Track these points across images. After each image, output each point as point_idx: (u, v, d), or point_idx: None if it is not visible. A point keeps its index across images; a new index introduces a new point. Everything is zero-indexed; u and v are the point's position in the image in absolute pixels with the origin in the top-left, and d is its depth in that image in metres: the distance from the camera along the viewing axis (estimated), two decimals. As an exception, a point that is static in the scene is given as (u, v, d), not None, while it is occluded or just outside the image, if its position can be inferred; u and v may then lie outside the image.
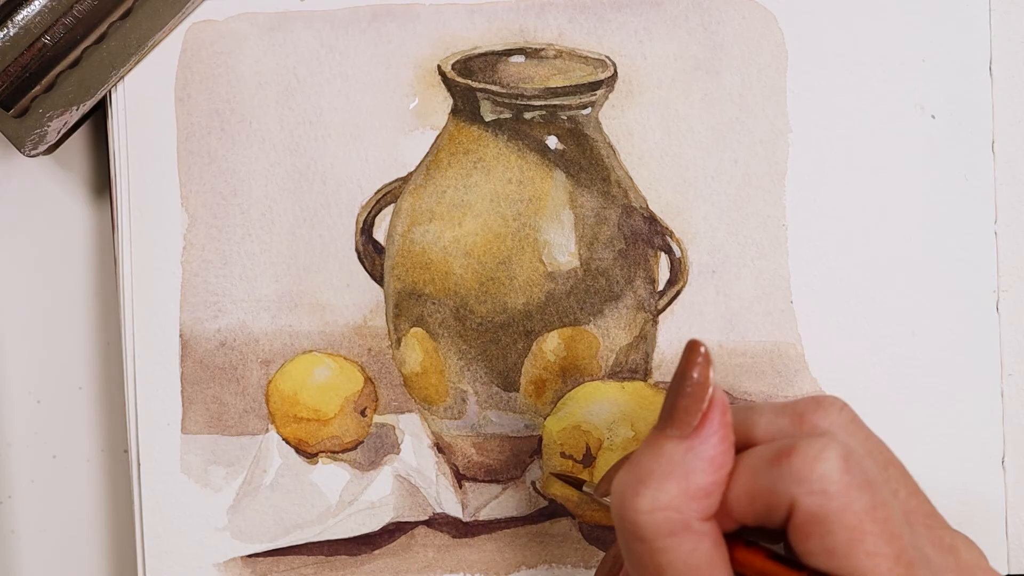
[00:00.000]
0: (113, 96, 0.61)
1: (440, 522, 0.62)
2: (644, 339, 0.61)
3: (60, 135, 0.61)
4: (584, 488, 0.58)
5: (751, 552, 0.48)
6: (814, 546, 0.45)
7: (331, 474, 0.62)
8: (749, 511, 0.47)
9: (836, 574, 0.45)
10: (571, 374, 0.61)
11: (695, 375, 0.47)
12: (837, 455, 0.46)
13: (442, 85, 0.61)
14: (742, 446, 0.48)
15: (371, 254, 0.61)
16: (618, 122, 0.60)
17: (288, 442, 0.62)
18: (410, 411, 0.62)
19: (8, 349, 0.65)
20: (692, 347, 0.48)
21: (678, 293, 0.60)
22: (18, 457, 0.65)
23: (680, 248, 0.60)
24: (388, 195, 0.61)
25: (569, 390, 0.61)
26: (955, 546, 0.47)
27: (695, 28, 0.60)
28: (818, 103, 0.60)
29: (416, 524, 0.62)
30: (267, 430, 0.62)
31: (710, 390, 0.47)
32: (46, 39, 0.60)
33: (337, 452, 0.62)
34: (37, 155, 0.61)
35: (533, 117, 0.60)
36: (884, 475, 0.47)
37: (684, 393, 0.47)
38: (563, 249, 0.60)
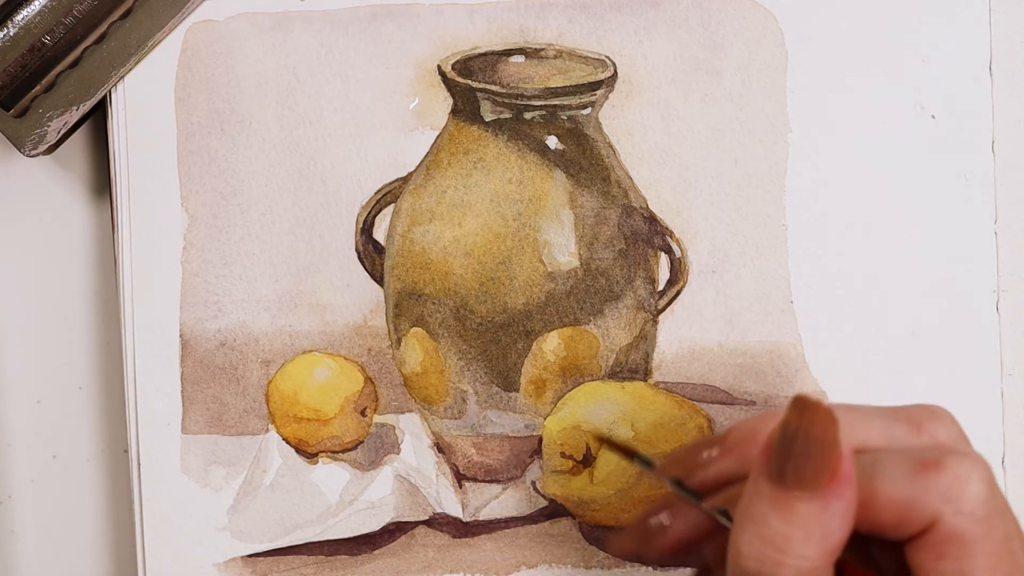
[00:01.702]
0: (113, 96, 0.61)
1: (440, 522, 0.62)
2: (644, 339, 0.61)
3: (60, 135, 0.61)
4: (636, 460, 0.54)
5: (864, 574, 0.47)
6: (947, 567, 0.44)
7: (331, 474, 0.62)
8: (876, 519, 0.45)
9: None
10: (571, 374, 0.61)
11: (820, 435, 0.45)
12: (984, 478, 0.45)
13: (442, 85, 0.61)
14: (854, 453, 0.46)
15: (371, 254, 0.61)
16: (618, 122, 0.60)
17: (288, 442, 0.62)
18: (410, 411, 0.62)
19: (8, 349, 0.65)
20: (813, 408, 0.45)
21: (678, 293, 0.60)
22: (18, 457, 0.65)
23: (680, 248, 0.60)
24: (388, 195, 0.61)
25: (569, 390, 0.61)
26: None
27: (695, 28, 0.60)
28: (818, 103, 0.60)
29: (416, 524, 0.62)
30: (267, 430, 0.62)
31: (839, 449, 0.45)
32: (46, 39, 0.60)
33: (337, 452, 0.62)
34: (37, 155, 0.61)
35: (533, 117, 0.60)
36: (1005, 503, 0.46)
37: (811, 453, 0.44)
38: (563, 249, 0.60)
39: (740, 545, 0.45)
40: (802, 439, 0.45)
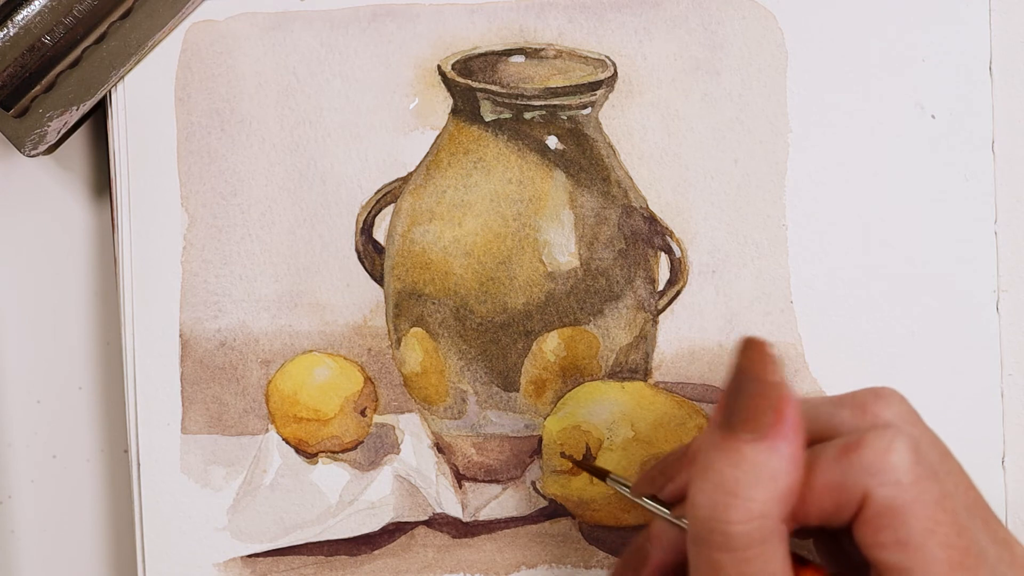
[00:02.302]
0: (113, 96, 0.61)
1: (440, 522, 0.62)
2: (644, 339, 0.61)
3: (60, 135, 0.61)
4: (609, 480, 0.57)
5: (811, 570, 0.47)
6: (886, 538, 0.45)
7: (331, 474, 0.62)
8: (816, 509, 0.46)
9: (906, 567, 0.44)
10: (571, 374, 0.61)
11: (761, 373, 0.46)
12: (907, 446, 0.45)
13: (442, 85, 0.61)
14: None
15: (371, 254, 0.61)
16: (618, 122, 0.60)
17: (288, 442, 0.62)
18: (410, 411, 0.62)
19: (8, 349, 0.65)
20: (751, 345, 0.46)
21: (678, 293, 0.60)
22: (18, 457, 0.65)
23: (680, 248, 0.60)
24: (388, 195, 0.61)
25: (569, 390, 0.61)
26: (1008, 540, 0.47)
27: (695, 28, 0.60)
28: (818, 103, 0.60)
29: (416, 524, 0.62)
30: (267, 430, 0.62)
31: (781, 387, 0.46)
32: (46, 39, 0.60)
33: (337, 452, 0.62)
34: (37, 155, 0.61)
35: (533, 117, 0.60)
36: (945, 467, 0.47)
37: (753, 393, 0.46)
38: (563, 249, 0.60)
39: (693, 496, 0.46)
40: (746, 380, 0.46)
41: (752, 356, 0.46)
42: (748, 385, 0.46)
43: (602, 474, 0.58)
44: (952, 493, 0.45)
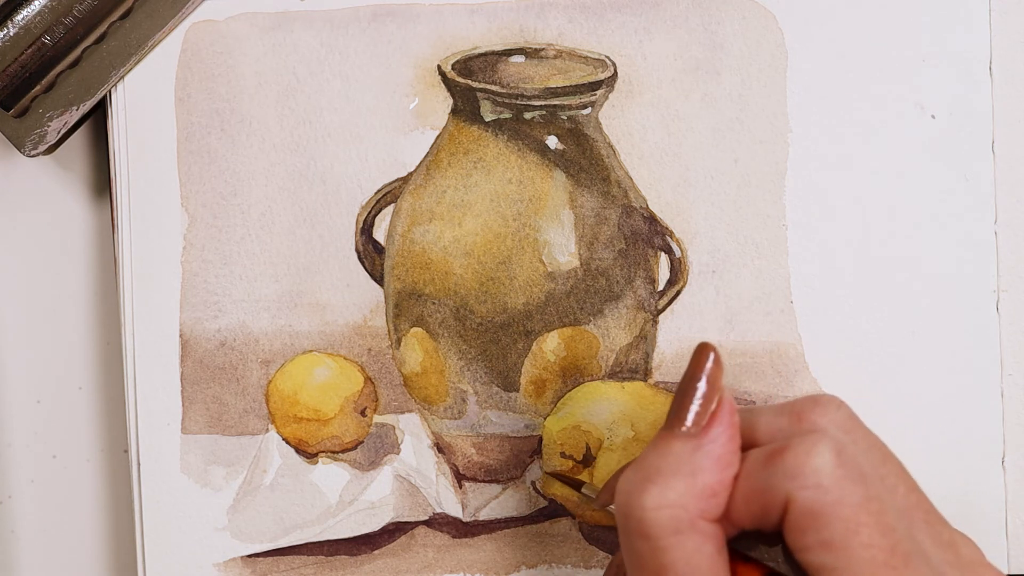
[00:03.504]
0: (113, 96, 0.61)
1: (440, 522, 0.62)
2: (644, 339, 0.61)
3: (60, 135, 0.61)
4: (583, 490, 0.58)
5: (750, 568, 0.48)
6: (810, 540, 0.45)
7: (331, 474, 0.62)
8: (746, 512, 0.47)
9: (831, 567, 0.45)
10: (571, 374, 0.61)
11: (705, 376, 0.48)
12: (829, 449, 0.46)
13: (442, 85, 0.61)
14: (744, 448, 0.48)
15: (371, 254, 0.61)
16: (618, 122, 0.60)
17: (288, 442, 0.62)
18: (410, 411, 0.62)
19: (8, 349, 0.65)
20: (702, 349, 0.48)
21: (678, 293, 0.60)
22: (18, 457, 0.65)
23: (680, 248, 0.60)
24: (388, 195, 0.61)
25: (569, 390, 0.61)
26: (954, 542, 0.47)
27: (695, 28, 0.60)
28: (818, 103, 0.60)
29: (416, 524, 0.62)
30: (267, 430, 0.62)
31: (720, 391, 0.48)
32: (46, 39, 0.60)
33: (337, 452, 0.62)
34: (37, 155, 0.61)
35: (533, 117, 0.60)
36: (882, 471, 0.48)
37: (693, 394, 0.48)
38: (563, 249, 0.60)
39: (619, 484, 0.48)
40: (687, 380, 0.48)
41: (700, 360, 0.48)
42: (689, 387, 0.48)
43: (576, 485, 0.58)
44: (879, 495, 0.46)
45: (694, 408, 0.48)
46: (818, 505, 0.45)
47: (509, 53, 0.61)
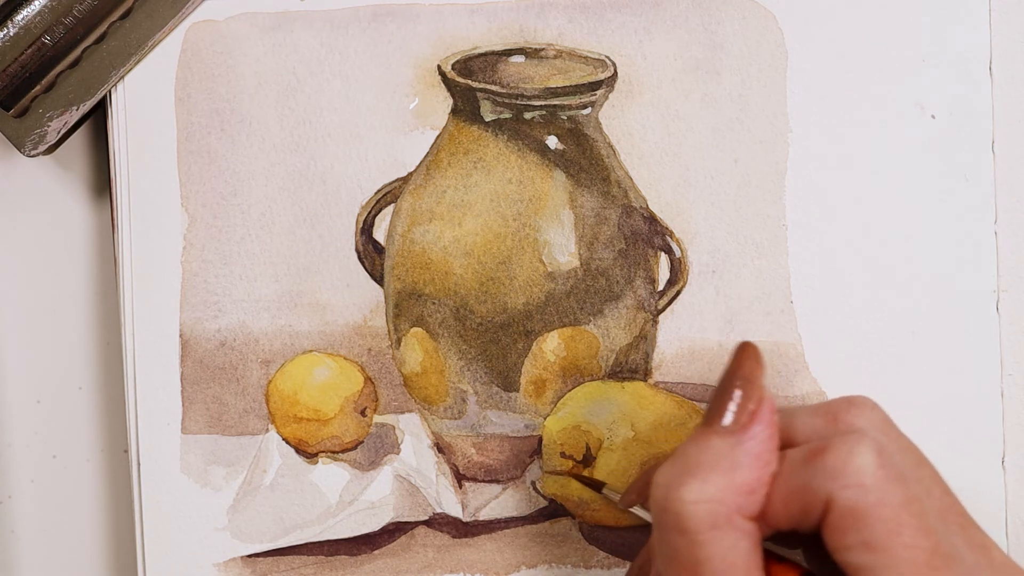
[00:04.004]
0: (113, 96, 0.61)
1: (440, 522, 0.62)
2: (644, 339, 0.61)
3: (60, 135, 0.61)
4: (604, 491, 0.58)
5: (785, 568, 0.48)
6: (851, 540, 0.45)
7: (331, 474, 0.62)
8: (784, 512, 0.47)
9: (872, 567, 0.45)
10: (571, 374, 0.61)
11: (746, 373, 0.48)
12: (871, 449, 0.46)
13: (442, 85, 0.61)
14: (780, 448, 0.48)
15: (371, 254, 0.61)
16: (618, 122, 0.60)
17: (288, 442, 0.62)
18: (410, 411, 0.62)
19: (8, 349, 0.65)
20: (744, 347, 0.49)
21: (678, 293, 0.60)
22: (18, 457, 0.65)
23: (680, 248, 0.60)
24: (388, 195, 0.61)
25: (569, 390, 0.61)
26: (986, 545, 0.47)
27: (695, 28, 0.60)
28: (818, 103, 0.60)
29: (416, 524, 0.62)
30: (267, 430, 0.62)
31: (760, 389, 0.48)
32: (46, 39, 0.60)
33: (337, 452, 0.62)
34: (37, 155, 0.61)
35: (533, 117, 0.60)
36: (918, 473, 0.48)
37: (733, 390, 0.48)
38: (563, 249, 0.60)
39: (656, 477, 0.48)
40: (729, 377, 0.48)
41: (742, 358, 0.49)
42: (733, 384, 0.48)
43: (597, 486, 0.58)
44: (919, 496, 0.46)
45: (734, 405, 0.48)
46: (860, 505, 0.45)
47: (509, 53, 0.61)
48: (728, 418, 0.48)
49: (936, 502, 0.47)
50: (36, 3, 0.60)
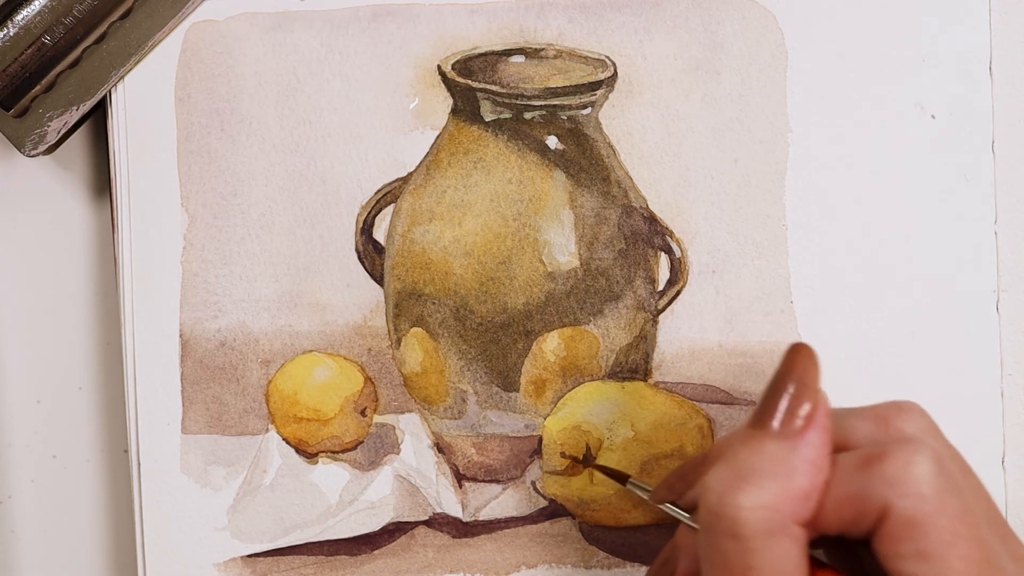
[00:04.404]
0: (113, 96, 0.61)
1: (440, 522, 0.62)
2: (644, 339, 0.61)
3: (60, 135, 0.61)
4: (628, 484, 0.57)
5: (826, 572, 0.48)
6: (906, 549, 0.45)
7: (331, 474, 0.62)
8: (836, 518, 0.47)
9: None
10: (571, 374, 0.61)
11: (800, 375, 0.47)
12: (929, 459, 0.46)
13: (442, 85, 0.61)
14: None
15: (371, 254, 0.61)
16: (618, 122, 0.60)
17: (288, 442, 0.62)
18: (410, 411, 0.62)
19: (8, 349, 0.65)
20: (798, 349, 0.48)
21: (678, 293, 0.60)
22: (18, 457, 0.65)
23: (680, 248, 0.60)
24: (388, 195, 0.61)
25: (569, 390, 0.61)
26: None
27: (695, 28, 0.60)
28: (818, 103, 0.60)
29: (416, 524, 0.62)
30: (267, 430, 0.62)
31: (815, 392, 0.47)
32: (46, 39, 0.60)
33: (337, 452, 0.62)
34: (37, 155, 0.61)
35: (533, 117, 0.60)
36: (967, 482, 0.47)
37: (788, 393, 0.47)
38: (563, 249, 0.60)
39: (707, 481, 0.47)
40: (785, 382, 0.47)
41: (796, 360, 0.48)
42: (786, 386, 0.47)
43: (622, 478, 0.58)
44: (973, 507, 0.46)
45: (788, 407, 0.47)
46: (918, 515, 0.45)
47: (509, 53, 0.61)
48: (778, 420, 0.47)
49: (984, 512, 0.47)
50: (36, 3, 0.60)
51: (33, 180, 0.64)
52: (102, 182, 0.65)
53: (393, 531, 0.62)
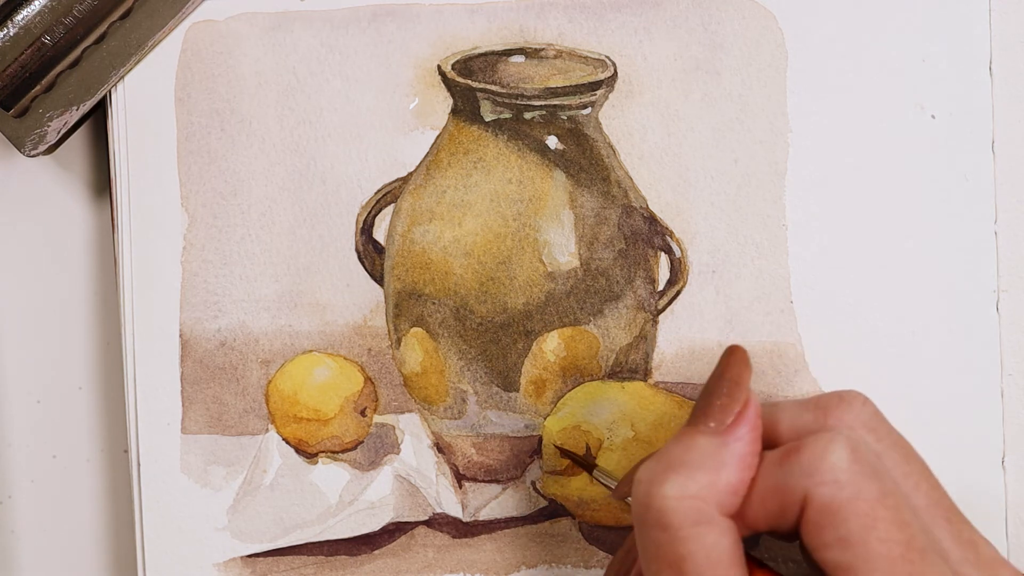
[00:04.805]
0: (113, 96, 0.61)
1: (440, 522, 0.62)
2: (644, 339, 0.61)
3: (60, 135, 0.61)
4: (595, 473, 0.58)
5: (765, 572, 0.48)
6: (828, 537, 0.46)
7: (331, 474, 0.62)
8: (762, 512, 0.47)
9: (849, 564, 0.45)
10: (571, 374, 0.61)
11: (733, 376, 0.49)
12: (844, 447, 0.46)
13: (442, 85, 0.61)
14: (767, 445, 0.49)
15: (371, 254, 0.61)
16: (618, 122, 0.60)
17: (288, 442, 0.62)
18: (410, 411, 0.62)
19: (8, 349, 0.65)
20: (732, 351, 0.49)
21: (678, 293, 0.60)
22: (18, 457, 0.65)
23: (680, 248, 0.60)
24: (388, 195, 0.61)
25: (569, 390, 0.61)
26: (974, 541, 0.48)
27: (695, 28, 0.60)
28: (818, 103, 0.60)
29: (416, 524, 0.62)
30: (267, 430, 0.62)
31: (746, 392, 0.48)
32: (46, 39, 0.60)
33: (337, 452, 0.62)
34: (37, 155, 0.61)
35: (533, 117, 0.60)
36: (905, 468, 0.48)
37: (721, 392, 0.48)
38: (563, 249, 0.60)
39: (639, 474, 0.48)
40: (715, 378, 0.49)
41: (731, 362, 0.49)
42: (718, 386, 0.49)
43: (589, 467, 0.58)
44: (894, 491, 0.46)
45: (720, 406, 0.48)
46: (835, 501, 0.46)
47: (509, 53, 0.61)
48: (712, 418, 0.48)
49: (922, 497, 0.48)
50: (36, 3, 0.60)
51: (33, 180, 0.64)
52: (102, 182, 0.65)
53: (393, 531, 0.62)
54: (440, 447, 0.62)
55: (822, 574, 0.47)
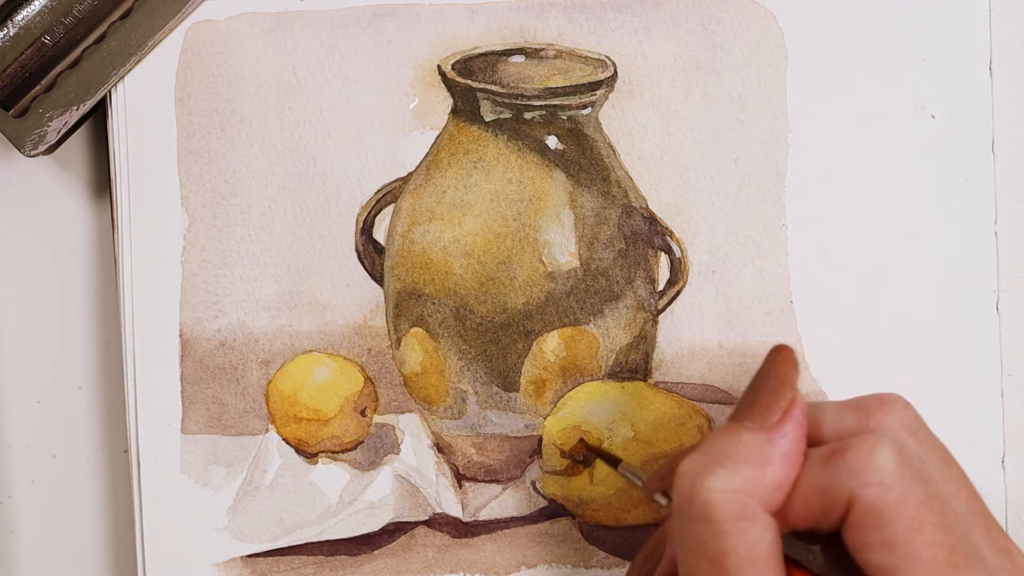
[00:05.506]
0: (113, 96, 0.61)
1: (440, 522, 0.62)
2: (644, 339, 0.61)
3: (60, 135, 0.61)
4: (620, 468, 0.57)
5: (801, 572, 0.48)
6: (873, 539, 0.45)
7: (331, 474, 0.62)
8: (804, 511, 0.47)
9: (893, 567, 0.45)
10: (571, 374, 0.61)
11: (780, 374, 0.48)
12: (891, 448, 0.46)
13: (442, 85, 0.61)
14: (809, 444, 0.49)
15: (371, 254, 0.61)
16: (618, 122, 0.60)
17: (288, 442, 0.62)
18: (410, 411, 0.62)
19: (8, 349, 0.65)
20: (779, 349, 0.49)
21: (678, 293, 0.60)
22: (18, 457, 0.65)
23: (680, 248, 0.60)
24: (388, 195, 0.61)
25: (569, 390, 0.61)
26: (1010, 549, 0.48)
27: (695, 28, 0.60)
28: (818, 103, 0.60)
29: (416, 524, 0.62)
30: (267, 430, 0.62)
31: (793, 390, 0.48)
32: (46, 39, 0.60)
33: (337, 452, 0.62)
34: (37, 155, 0.61)
35: (533, 117, 0.60)
36: (945, 473, 0.48)
37: (767, 389, 0.48)
38: (563, 249, 0.60)
39: (681, 466, 0.48)
40: (763, 375, 0.48)
41: (778, 360, 0.49)
42: (765, 383, 0.48)
43: (614, 462, 0.58)
44: (940, 495, 0.46)
45: (766, 403, 0.48)
46: (881, 503, 0.46)
47: (509, 53, 0.61)
48: (759, 414, 0.48)
49: (961, 503, 0.48)
50: (36, 3, 0.60)
51: (33, 180, 0.64)
52: (102, 182, 0.65)
53: (393, 531, 0.62)
54: (440, 447, 0.62)
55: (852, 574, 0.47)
